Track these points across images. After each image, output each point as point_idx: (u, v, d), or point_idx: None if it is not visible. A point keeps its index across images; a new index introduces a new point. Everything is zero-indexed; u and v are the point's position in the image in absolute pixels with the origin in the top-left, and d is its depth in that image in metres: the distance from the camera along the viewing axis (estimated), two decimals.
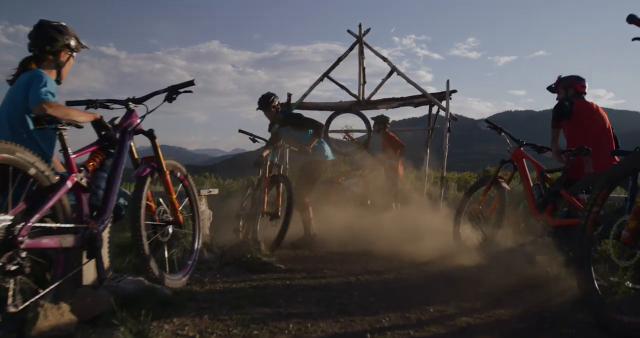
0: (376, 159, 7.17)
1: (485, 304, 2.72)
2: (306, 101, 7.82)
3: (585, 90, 4.30)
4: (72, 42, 2.77)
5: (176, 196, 3.07)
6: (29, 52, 2.73)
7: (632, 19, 2.03)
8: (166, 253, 3.02)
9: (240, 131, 5.91)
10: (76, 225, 2.33)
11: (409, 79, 7.40)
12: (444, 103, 7.10)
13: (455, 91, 7.21)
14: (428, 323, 2.40)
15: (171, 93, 2.89)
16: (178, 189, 3.25)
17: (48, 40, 2.68)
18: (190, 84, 2.88)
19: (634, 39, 2.06)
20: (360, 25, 7.63)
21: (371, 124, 7.38)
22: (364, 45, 7.66)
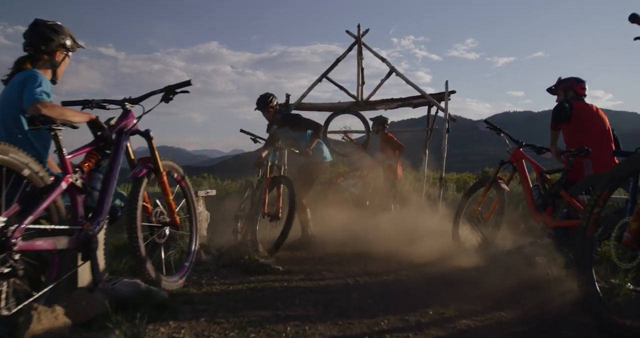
0: (375, 160, 7.14)
1: (485, 306, 2.70)
2: (305, 102, 7.80)
3: (585, 92, 4.28)
4: (68, 42, 2.75)
5: (173, 197, 3.05)
6: (24, 52, 2.70)
7: (635, 18, 2.01)
8: (163, 255, 3.01)
9: (241, 131, 5.89)
10: (71, 226, 2.30)
11: (408, 80, 7.39)
12: (443, 104, 7.08)
13: (454, 92, 7.19)
14: (427, 325, 2.37)
15: (168, 93, 2.86)
16: (175, 190, 3.22)
17: (43, 39, 2.65)
18: (187, 84, 2.85)
19: (636, 39, 2.04)
20: (359, 25, 7.61)
21: (370, 125, 7.36)
22: (363, 45, 7.64)
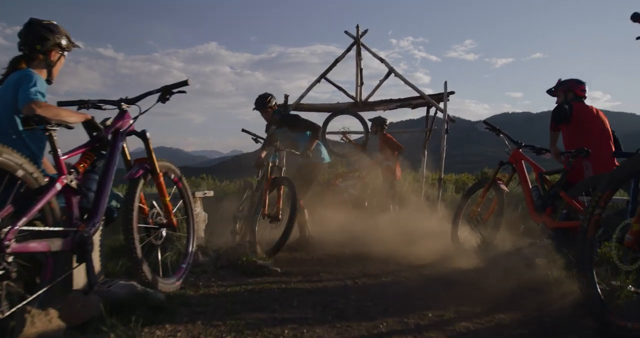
0: (374, 161, 7.12)
1: (484, 308, 2.67)
2: (303, 102, 7.78)
3: (585, 94, 4.27)
4: (63, 41, 2.72)
5: (170, 198, 3.02)
6: (19, 51, 2.67)
7: (637, 17, 1.99)
8: (160, 256, 2.98)
9: (243, 131, 5.88)
10: (65, 228, 2.27)
11: (407, 81, 7.37)
12: (442, 104, 7.06)
13: (453, 92, 7.18)
14: (427, 328, 2.34)
15: (164, 93, 2.83)
16: (172, 191, 3.20)
17: (38, 39, 2.63)
18: (184, 84, 2.82)
19: (638, 38, 2.01)
20: (357, 26, 7.60)
21: (369, 126, 7.34)
22: (362, 46, 7.63)
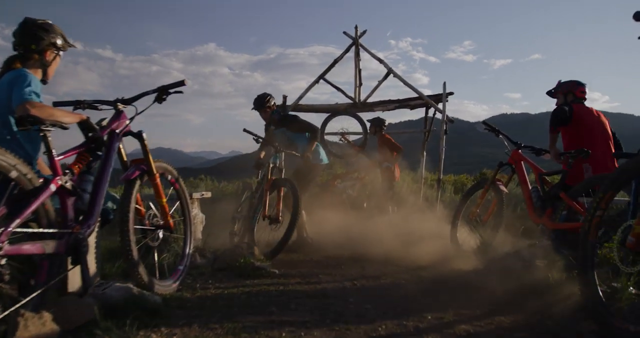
0: (372, 162, 7.11)
1: (484, 311, 2.65)
2: (302, 103, 7.75)
3: (585, 95, 4.25)
4: (59, 41, 2.69)
5: (167, 199, 2.99)
6: (14, 51, 2.64)
7: (639, 17, 1.97)
8: (156, 258, 2.94)
9: (244, 131, 5.84)
10: (60, 230, 2.24)
11: (406, 81, 7.35)
12: (441, 105, 7.04)
13: (451, 93, 7.15)
14: (426, 331, 2.31)
15: (161, 93, 2.80)
16: (169, 192, 3.17)
17: (33, 38, 2.60)
18: (180, 84, 2.80)
19: None
20: (356, 27, 7.57)
21: (367, 126, 7.31)
22: (360, 47, 7.60)
